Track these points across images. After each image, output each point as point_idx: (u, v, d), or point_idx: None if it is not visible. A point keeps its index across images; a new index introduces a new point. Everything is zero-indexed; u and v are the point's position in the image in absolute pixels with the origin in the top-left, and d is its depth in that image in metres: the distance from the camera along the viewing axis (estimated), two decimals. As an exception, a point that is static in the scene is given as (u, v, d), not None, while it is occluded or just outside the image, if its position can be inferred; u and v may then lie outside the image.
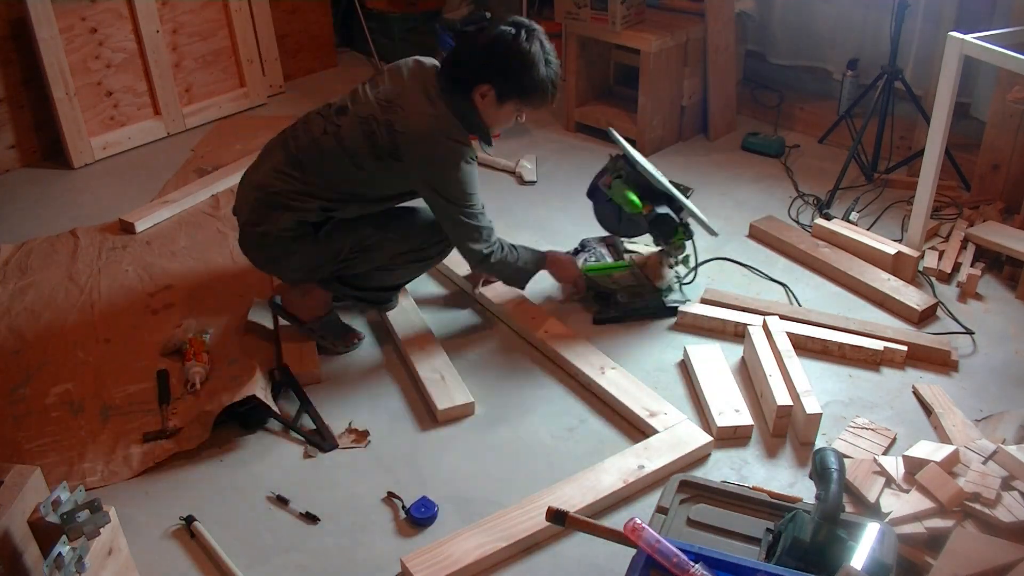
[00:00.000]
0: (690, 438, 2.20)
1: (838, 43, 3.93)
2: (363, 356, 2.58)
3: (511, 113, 2.37)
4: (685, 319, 2.68)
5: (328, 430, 2.28)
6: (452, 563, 1.87)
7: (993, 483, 1.92)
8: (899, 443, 2.23)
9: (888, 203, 3.30)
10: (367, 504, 2.10)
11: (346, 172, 2.31)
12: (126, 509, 2.04)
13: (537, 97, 2.31)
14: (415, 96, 2.28)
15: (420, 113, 2.25)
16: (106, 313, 2.76)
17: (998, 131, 3.11)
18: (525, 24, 2.27)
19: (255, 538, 2.01)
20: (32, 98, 3.65)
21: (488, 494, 2.12)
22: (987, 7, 3.35)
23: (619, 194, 2.68)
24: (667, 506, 1.86)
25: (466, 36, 2.31)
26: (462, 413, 2.34)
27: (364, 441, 2.24)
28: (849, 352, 2.52)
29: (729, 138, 3.88)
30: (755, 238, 3.14)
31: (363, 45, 4.85)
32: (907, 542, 1.86)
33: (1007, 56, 2.48)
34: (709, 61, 3.74)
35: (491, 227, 2.44)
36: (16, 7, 3.44)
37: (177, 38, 3.94)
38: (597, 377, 2.41)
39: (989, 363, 2.52)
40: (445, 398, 2.35)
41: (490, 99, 2.29)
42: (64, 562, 1.52)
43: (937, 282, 2.85)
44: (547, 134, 3.99)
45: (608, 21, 3.59)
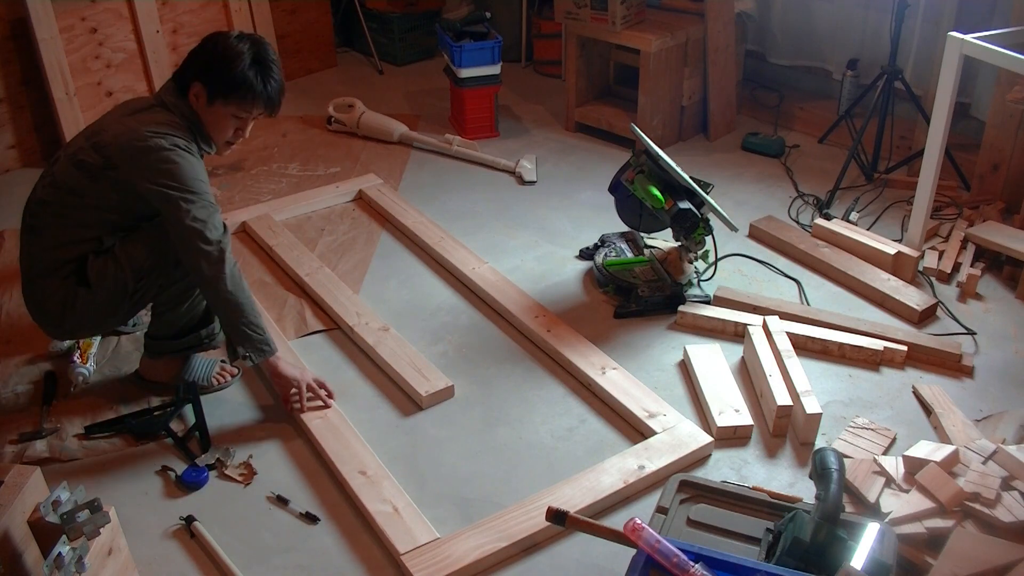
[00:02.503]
0: (690, 439, 2.20)
1: (838, 43, 3.93)
2: (356, 361, 2.59)
3: (224, 117, 2.19)
4: (685, 319, 2.68)
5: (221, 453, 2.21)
6: (452, 563, 1.87)
7: (993, 483, 1.92)
8: (899, 443, 2.23)
9: (888, 203, 3.30)
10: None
11: (73, 207, 2.19)
12: (126, 509, 2.04)
13: (239, 95, 2.16)
14: (120, 115, 2.21)
15: (122, 125, 2.16)
16: (12, 315, 2.76)
17: (998, 131, 3.11)
18: (249, 34, 2.22)
19: (255, 538, 2.01)
20: (32, 98, 3.65)
21: (488, 494, 2.12)
22: (987, 7, 3.35)
23: (642, 189, 2.70)
24: (667, 506, 1.86)
25: None
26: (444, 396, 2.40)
27: (247, 481, 2.15)
28: (849, 352, 2.52)
29: (729, 138, 3.88)
30: (755, 238, 3.14)
31: (363, 45, 4.86)
32: (907, 542, 1.86)
33: (1007, 56, 2.48)
34: (709, 61, 3.74)
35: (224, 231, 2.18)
36: (16, 7, 3.44)
37: (177, 38, 3.94)
38: (598, 377, 2.41)
39: (989, 363, 2.52)
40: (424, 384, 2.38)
41: (202, 100, 2.17)
42: (64, 562, 1.52)
43: (937, 282, 2.85)
44: (547, 134, 3.99)
45: (608, 21, 3.59)
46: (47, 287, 2.23)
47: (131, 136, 2.12)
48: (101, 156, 2.15)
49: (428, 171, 3.67)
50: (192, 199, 2.13)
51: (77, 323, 2.27)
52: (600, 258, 2.90)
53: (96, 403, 2.39)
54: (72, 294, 2.21)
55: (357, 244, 3.15)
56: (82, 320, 2.26)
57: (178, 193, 2.12)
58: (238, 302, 2.19)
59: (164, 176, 2.11)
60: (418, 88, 4.52)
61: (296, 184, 3.55)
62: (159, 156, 2.11)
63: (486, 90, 3.85)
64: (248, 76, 2.15)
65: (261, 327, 2.24)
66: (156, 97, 2.24)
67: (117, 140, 2.14)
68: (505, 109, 4.20)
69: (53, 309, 2.24)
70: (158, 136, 2.12)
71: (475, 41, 3.80)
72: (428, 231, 3.12)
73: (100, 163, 2.15)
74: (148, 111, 2.19)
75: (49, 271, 2.22)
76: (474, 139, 3.86)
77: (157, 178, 2.11)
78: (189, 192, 2.13)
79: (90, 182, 2.17)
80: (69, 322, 2.26)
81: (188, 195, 2.12)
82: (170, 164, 2.11)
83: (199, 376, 2.44)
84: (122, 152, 2.13)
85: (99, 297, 2.22)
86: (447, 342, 2.64)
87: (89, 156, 2.17)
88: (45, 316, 2.28)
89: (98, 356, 2.53)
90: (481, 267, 2.91)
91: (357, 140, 3.93)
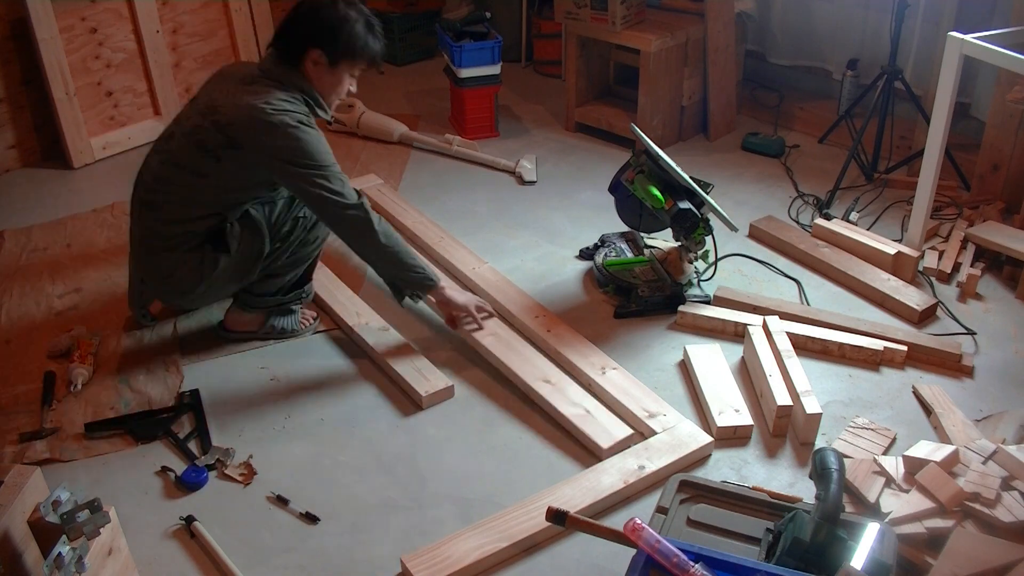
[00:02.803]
0: (691, 439, 2.20)
1: (838, 43, 3.93)
2: (360, 359, 2.59)
3: (344, 77, 2.33)
4: (685, 319, 2.68)
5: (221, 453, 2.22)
6: (452, 563, 1.87)
7: (993, 483, 1.92)
8: (899, 443, 2.23)
9: (888, 203, 3.30)
10: (367, 504, 2.10)
11: (196, 187, 2.27)
12: (126, 509, 2.04)
13: (363, 55, 2.31)
14: (231, 88, 2.26)
15: (239, 99, 2.21)
16: (12, 315, 2.76)
17: (998, 131, 3.11)
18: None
19: (255, 538, 2.01)
20: (32, 98, 3.65)
21: (488, 494, 2.12)
22: (987, 7, 3.35)
23: (642, 189, 2.70)
24: (667, 506, 1.86)
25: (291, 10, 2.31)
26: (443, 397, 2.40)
27: (247, 481, 2.15)
28: (849, 352, 2.52)
29: (729, 138, 3.88)
30: (755, 238, 3.14)
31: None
32: (907, 542, 1.86)
33: (1007, 56, 2.48)
34: (709, 61, 3.74)
35: (359, 197, 2.31)
36: (16, 7, 3.44)
37: (177, 38, 3.94)
38: (598, 377, 2.41)
39: (989, 363, 2.52)
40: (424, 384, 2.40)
41: (322, 65, 2.27)
42: (64, 562, 1.52)
43: (937, 282, 2.85)
44: (547, 134, 3.99)
45: (608, 21, 3.59)
46: (179, 258, 2.30)
47: (254, 114, 2.18)
48: (223, 135, 2.21)
49: (428, 171, 3.67)
50: (324, 172, 2.23)
51: (211, 288, 2.39)
52: (600, 258, 2.90)
53: (96, 403, 2.39)
54: (210, 261, 2.32)
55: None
56: (216, 284, 2.38)
57: (309, 169, 2.21)
58: (395, 251, 2.36)
59: (292, 153, 2.20)
60: (418, 88, 4.52)
61: (296, 184, 3.55)
62: (285, 134, 2.18)
63: (486, 90, 3.85)
64: (367, 38, 2.30)
65: (420, 266, 2.43)
66: (261, 69, 2.29)
67: (239, 119, 2.19)
68: (505, 109, 4.20)
69: (188, 277, 2.33)
70: (280, 113, 2.19)
71: (475, 41, 3.80)
72: (428, 231, 3.12)
73: (223, 142, 2.21)
74: (260, 84, 2.24)
75: (177, 244, 2.30)
76: (474, 139, 3.86)
77: (285, 156, 2.20)
78: (319, 166, 2.23)
79: (214, 163, 2.24)
80: (202, 288, 2.36)
81: (319, 169, 2.23)
82: (296, 141, 2.19)
83: (287, 325, 2.59)
84: (246, 131, 2.20)
85: (236, 262, 2.35)
86: (447, 342, 2.64)
87: (210, 137, 2.22)
88: (177, 286, 2.35)
89: (98, 356, 2.53)
90: (481, 267, 2.92)
91: (357, 140, 3.93)
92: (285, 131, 2.18)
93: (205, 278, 2.33)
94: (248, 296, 2.53)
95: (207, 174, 2.25)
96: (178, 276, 2.34)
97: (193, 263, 2.31)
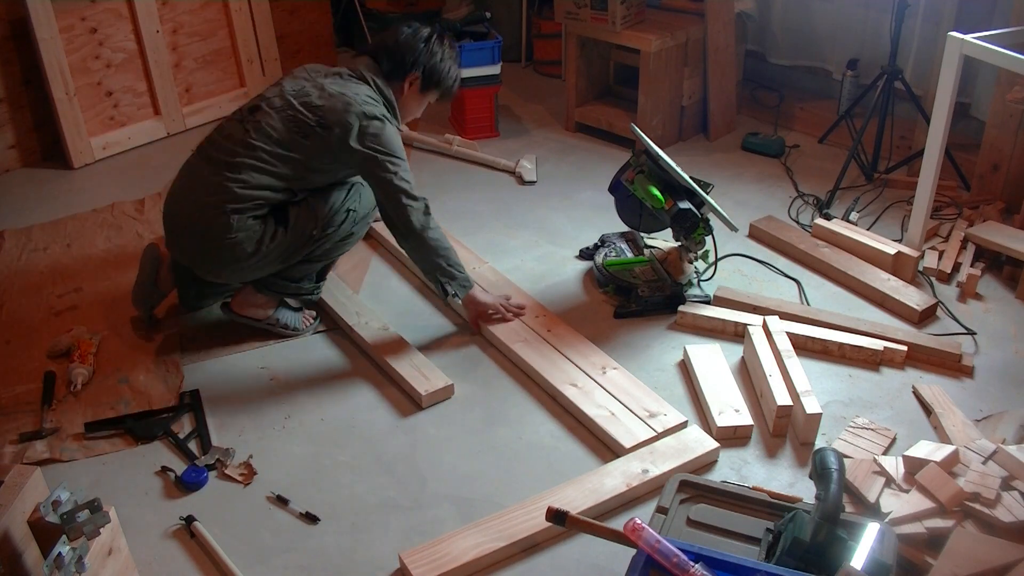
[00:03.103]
0: (697, 443, 2.19)
1: (838, 43, 3.93)
2: (360, 359, 2.59)
3: (424, 103, 2.65)
4: (685, 319, 2.68)
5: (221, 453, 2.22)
6: (450, 560, 1.87)
7: (993, 483, 1.92)
8: (899, 443, 2.23)
9: (888, 203, 3.30)
10: (367, 504, 2.10)
11: (281, 158, 2.37)
12: (126, 509, 2.04)
13: (446, 91, 2.64)
14: (320, 80, 2.46)
15: (333, 88, 2.42)
16: (12, 315, 2.76)
17: (998, 131, 3.11)
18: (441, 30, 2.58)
19: (255, 538, 2.01)
20: (32, 98, 3.65)
21: (488, 494, 2.12)
22: (987, 7, 3.35)
23: (642, 189, 2.70)
24: (667, 506, 1.86)
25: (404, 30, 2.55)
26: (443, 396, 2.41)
27: (247, 481, 2.16)
28: (849, 352, 2.52)
29: (729, 138, 3.89)
30: (755, 238, 3.14)
31: (363, 45, 4.85)
32: (907, 542, 1.86)
33: (1007, 56, 2.48)
34: (709, 61, 3.74)
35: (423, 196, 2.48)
36: (16, 7, 3.45)
37: (177, 38, 3.94)
38: (599, 377, 2.41)
39: (989, 363, 2.52)
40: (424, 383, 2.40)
41: (416, 87, 2.57)
42: (64, 562, 1.52)
43: (937, 282, 2.85)
44: (547, 134, 3.99)
45: (608, 21, 3.59)
46: (243, 222, 2.35)
47: (347, 100, 2.38)
48: (316, 116, 2.37)
49: (428, 171, 3.67)
50: (399, 163, 2.42)
51: (261, 260, 2.42)
52: (600, 258, 2.90)
53: (96, 403, 2.39)
54: (270, 231, 2.40)
55: (357, 244, 3.14)
56: (267, 258, 2.42)
57: (387, 157, 2.40)
58: (445, 247, 2.51)
59: (376, 140, 2.39)
60: (418, 88, 4.51)
61: (296, 184, 3.55)
62: (372, 122, 2.39)
63: (486, 90, 3.85)
64: (457, 76, 2.65)
65: (461, 266, 2.56)
66: (355, 71, 2.51)
67: (332, 104, 2.38)
68: (505, 109, 4.20)
69: (247, 243, 2.37)
70: (371, 104, 2.41)
71: (475, 41, 3.80)
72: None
73: (314, 121, 2.37)
74: (353, 81, 2.47)
75: (247, 208, 2.36)
76: (474, 139, 3.86)
77: (369, 141, 2.38)
78: (396, 157, 2.42)
79: (302, 139, 2.37)
80: (255, 258, 2.40)
81: (396, 159, 2.42)
82: (381, 131, 2.40)
83: (291, 321, 2.64)
84: (337, 114, 2.37)
85: (290, 238, 2.42)
86: (447, 342, 2.64)
87: (301, 113, 2.38)
88: (232, 251, 2.37)
89: (97, 356, 2.53)
90: (481, 267, 2.91)
91: (357, 140, 3.93)
92: (372, 120, 2.38)
93: (262, 247, 2.39)
94: (270, 278, 2.54)
95: (294, 150, 2.37)
96: (238, 239, 2.36)
97: (255, 229, 2.37)
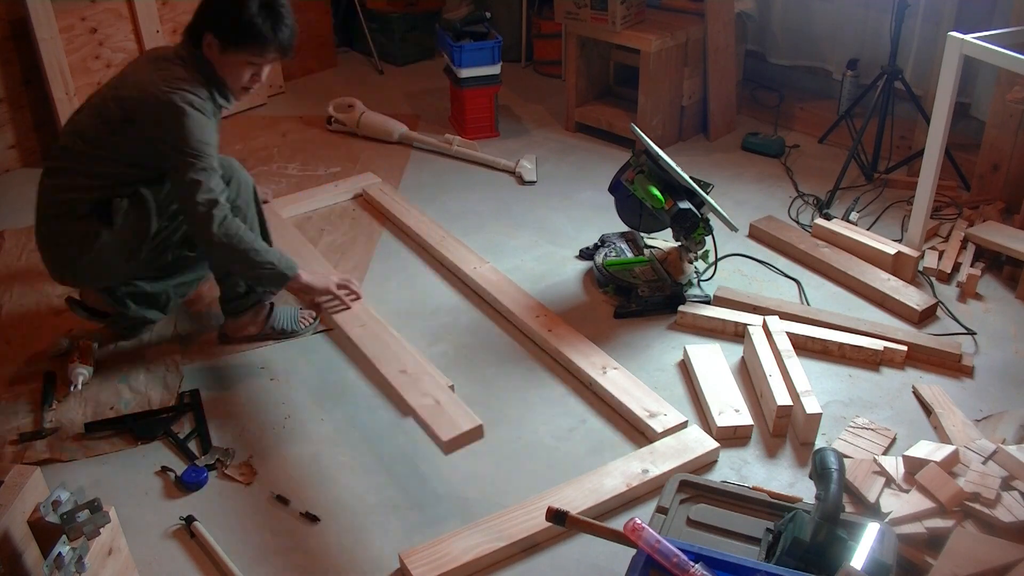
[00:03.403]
0: (697, 444, 2.20)
1: (838, 43, 3.93)
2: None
3: (238, 64, 2.26)
4: (685, 319, 2.68)
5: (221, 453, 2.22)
6: (449, 561, 1.87)
7: (993, 483, 1.92)
8: (899, 443, 2.23)
9: (888, 203, 3.30)
10: (367, 504, 2.10)
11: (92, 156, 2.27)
12: (126, 509, 2.04)
13: (251, 42, 2.22)
14: (140, 67, 2.30)
15: (142, 77, 2.24)
16: (12, 315, 2.76)
17: (998, 131, 3.11)
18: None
19: (255, 538, 2.01)
20: (32, 98, 3.65)
21: (488, 494, 2.12)
22: (987, 7, 3.35)
23: (642, 189, 2.70)
24: (667, 506, 1.86)
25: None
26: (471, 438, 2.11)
27: (248, 481, 2.16)
28: (849, 352, 2.52)
29: (729, 138, 3.89)
30: (755, 238, 3.14)
31: (363, 45, 4.86)
32: (907, 542, 1.86)
33: (1007, 56, 2.48)
34: (709, 61, 3.74)
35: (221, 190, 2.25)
36: (16, 7, 3.45)
37: (177, 38, 3.92)
38: (599, 377, 2.41)
39: (989, 363, 2.52)
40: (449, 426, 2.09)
41: (215, 49, 2.24)
42: (64, 562, 1.52)
43: (937, 282, 2.85)
44: (547, 134, 3.99)
45: (608, 21, 3.59)
46: (64, 226, 2.28)
47: (150, 90, 2.19)
48: (121, 109, 2.23)
49: (428, 171, 3.67)
50: (195, 158, 2.19)
51: (92, 264, 2.31)
52: (600, 258, 2.90)
53: (96, 403, 2.39)
54: (93, 232, 2.28)
55: (357, 244, 3.15)
56: (98, 261, 2.31)
57: (182, 152, 2.19)
58: (244, 248, 2.25)
59: (174, 133, 2.18)
60: (418, 88, 4.52)
61: (296, 184, 3.55)
62: (172, 113, 2.18)
63: (486, 90, 3.85)
64: (257, 23, 2.20)
65: (270, 262, 2.31)
66: (175, 50, 2.31)
67: (136, 94, 2.21)
68: (505, 109, 4.20)
69: (69, 248, 2.29)
70: (174, 92, 2.18)
71: (475, 41, 3.80)
72: (429, 231, 3.12)
73: (120, 116, 2.23)
74: (168, 64, 2.25)
75: (66, 212, 2.28)
76: (474, 139, 3.86)
77: (167, 134, 2.19)
78: (193, 152, 2.19)
79: (109, 134, 2.25)
80: (83, 262, 2.30)
81: (192, 153, 2.19)
82: (181, 122, 2.18)
83: (286, 324, 2.59)
84: (140, 107, 2.21)
85: (120, 237, 2.29)
86: (447, 342, 2.64)
87: (110, 109, 2.24)
88: (58, 257, 2.32)
89: (98, 356, 2.53)
90: (482, 267, 2.91)
91: (357, 140, 3.93)
92: (172, 109, 2.17)
93: (87, 250, 2.29)
94: (224, 304, 2.55)
95: (104, 146, 2.26)
96: (63, 245, 2.31)
97: (77, 233, 2.28)
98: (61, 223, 2.29)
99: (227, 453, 2.21)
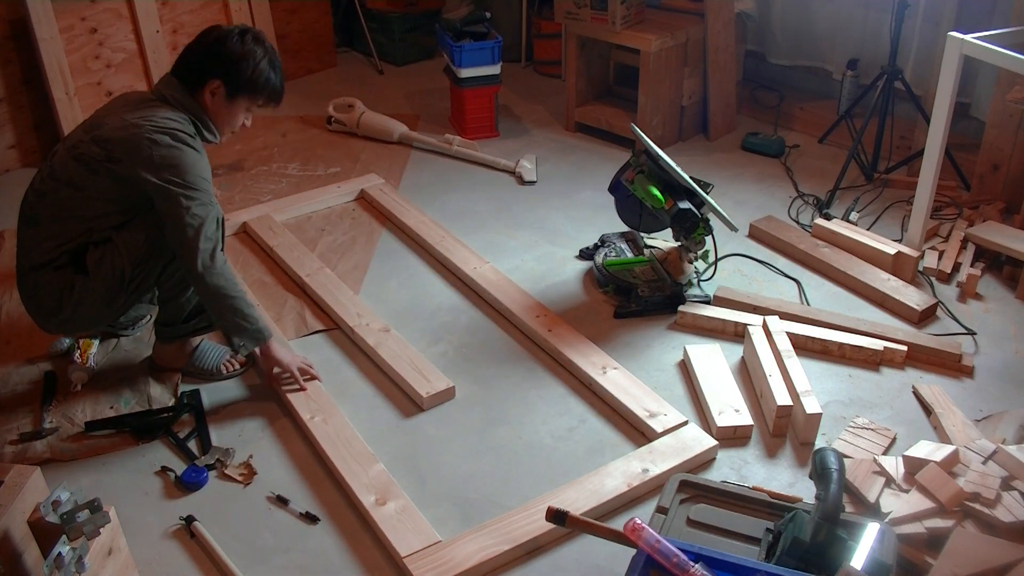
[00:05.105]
0: (695, 442, 2.20)
1: (838, 43, 3.93)
2: (360, 359, 2.59)
3: (240, 110, 2.31)
4: (685, 319, 2.68)
5: (221, 453, 2.22)
6: (454, 566, 1.87)
7: (993, 483, 1.92)
8: (899, 443, 2.23)
9: (888, 203, 3.30)
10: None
11: (71, 199, 2.20)
12: (126, 509, 2.04)
13: (261, 92, 2.29)
14: (119, 109, 2.23)
15: (122, 119, 2.19)
16: (12, 315, 2.76)
17: (998, 131, 3.11)
18: (249, 28, 2.32)
19: (255, 538, 2.01)
20: (32, 98, 3.65)
21: (489, 494, 2.12)
22: (987, 7, 3.35)
23: (642, 189, 2.70)
24: (667, 506, 1.86)
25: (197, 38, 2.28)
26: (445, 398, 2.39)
27: (247, 481, 2.15)
28: (849, 352, 2.52)
29: (729, 138, 3.88)
30: (755, 238, 3.14)
31: (363, 45, 4.86)
32: (907, 542, 1.86)
33: (1007, 56, 2.48)
34: (709, 61, 3.74)
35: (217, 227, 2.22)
36: (16, 7, 3.45)
37: (177, 38, 3.94)
38: (598, 377, 2.41)
39: (989, 363, 2.52)
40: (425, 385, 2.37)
41: (220, 95, 2.25)
42: (64, 562, 1.52)
43: (937, 282, 2.85)
44: (547, 134, 3.99)
45: (608, 21, 3.59)
46: (43, 278, 2.23)
47: (134, 129, 2.14)
48: (102, 149, 2.16)
49: (428, 171, 3.67)
50: (193, 195, 2.16)
51: (74, 314, 2.26)
52: (600, 258, 2.90)
53: (96, 402, 2.39)
54: (69, 283, 2.22)
55: (357, 244, 3.15)
56: (79, 311, 2.26)
57: (179, 189, 2.14)
58: (232, 295, 2.24)
59: (166, 171, 2.14)
60: (418, 88, 4.52)
61: (296, 184, 3.55)
62: (162, 151, 2.14)
63: (486, 90, 3.85)
64: (269, 75, 2.28)
65: (254, 317, 2.29)
66: (155, 92, 2.27)
67: (119, 133, 2.16)
68: (505, 109, 4.20)
69: (49, 300, 2.25)
70: (161, 131, 2.15)
71: (475, 41, 3.80)
72: (429, 231, 3.12)
73: (101, 156, 2.16)
74: (149, 105, 2.22)
75: (45, 262, 2.23)
76: (474, 139, 3.86)
77: (159, 172, 2.14)
78: (190, 188, 2.16)
79: (90, 175, 2.18)
80: (66, 312, 2.26)
81: (189, 191, 2.15)
82: (173, 159, 2.14)
83: (209, 363, 2.49)
84: (124, 145, 2.15)
85: (97, 286, 2.23)
86: (448, 342, 2.64)
87: (89, 149, 2.18)
88: (40, 308, 2.28)
89: (98, 356, 2.53)
90: (483, 267, 2.91)
91: (357, 140, 3.93)
92: (161, 148, 2.14)
93: (66, 301, 2.23)
94: (160, 327, 2.46)
95: (84, 187, 2.18)
96: (41, 297, 2.25)
97: (54, 284, 2.23)
98: (42, 275, 2.23)
99: (227, 453, 2.21)
